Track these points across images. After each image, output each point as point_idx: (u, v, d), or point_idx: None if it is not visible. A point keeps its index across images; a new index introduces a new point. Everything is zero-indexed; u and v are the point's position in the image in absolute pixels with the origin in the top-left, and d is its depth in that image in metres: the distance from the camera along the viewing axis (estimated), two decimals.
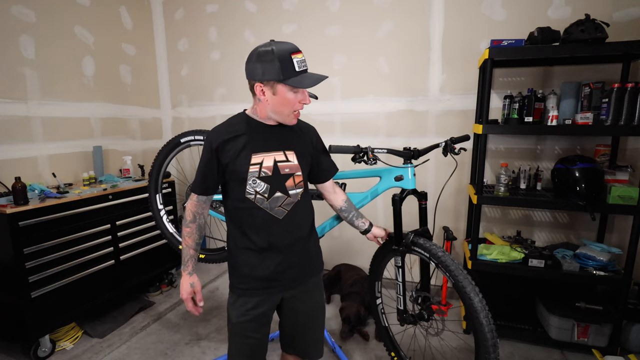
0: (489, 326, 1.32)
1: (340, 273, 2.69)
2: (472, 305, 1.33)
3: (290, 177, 1.17)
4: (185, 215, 1.22)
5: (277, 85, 1.07)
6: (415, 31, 2.50)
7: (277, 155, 1.16)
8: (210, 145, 1.13)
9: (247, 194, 1.13)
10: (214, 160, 1.13)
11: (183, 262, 1.23)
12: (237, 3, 2.95)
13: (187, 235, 1.22)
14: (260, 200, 1.14)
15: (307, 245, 1.28)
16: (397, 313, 1.68)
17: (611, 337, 1.94)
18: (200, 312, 1.25)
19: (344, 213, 1.53)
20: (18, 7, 2.23)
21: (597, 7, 2.07)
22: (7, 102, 2.20)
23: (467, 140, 1.65)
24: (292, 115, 1.13)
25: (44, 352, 2.01)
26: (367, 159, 1.48)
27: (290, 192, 1.18)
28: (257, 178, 1.12)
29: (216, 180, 1.17)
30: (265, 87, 1.08)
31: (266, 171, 1.13)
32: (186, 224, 1.22)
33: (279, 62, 1.03)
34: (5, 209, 1.81)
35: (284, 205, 1.17)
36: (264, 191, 1.14)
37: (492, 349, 1.31)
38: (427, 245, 1.50)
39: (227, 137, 1.13)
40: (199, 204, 1.21)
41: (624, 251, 1.95)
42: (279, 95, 1.08)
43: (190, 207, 1.22)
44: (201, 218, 1.23)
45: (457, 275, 1.38)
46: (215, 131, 1.16)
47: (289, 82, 1.05)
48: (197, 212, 1.21)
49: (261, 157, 1.13)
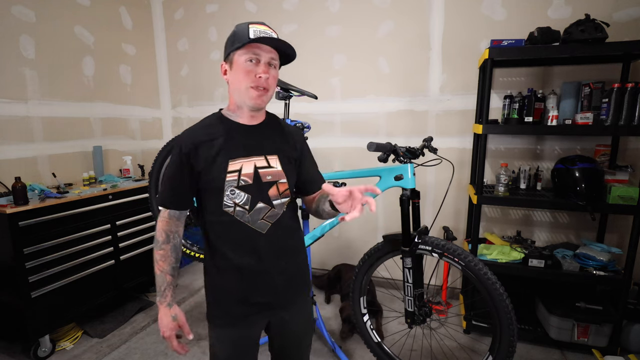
0: (512, 311, 1.46)
1: (340, 273, 2.69)
2: (498, 290, 1.46)
3: (273, 185, 1.03)
4: (157, 236, 1.03)
5: (233, 55, 0.97)
6: (415, 31, 2.50)
7: (258, 160, 1.02)
8: (180, 150, 0.98)
9: (225, 207, 0.99)
10: (185, 167, 0.98)
11: (159, 291, 1.02)
12: (237, 3, 2.95)
13: (161, 259, 1.02)
14: (241, 213, 0.99)
15: (297, 261, 1.13)
16: (406, 315, 1.68)
17: (611, 337, 1.94)
18: (188, 351, 1.08)
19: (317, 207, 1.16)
20: (18, 7, 2.23)
21: (597, 7, 2.07)
22: (7, 102, 2.20)
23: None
24: (251, 92, 0.97)
25: (44, 352, 2.01)
26: (396, 157, 1.55)
27: (275, 203, 1.03)
28: (235, 188, 0.98)
29: (189, 191, 1.02)
30: (227, 64, 1.00)
31: (246, 179, 0.99)
32: (158, 245, 1.02)
33: (236, 33, 0.97)
34: (5, 209, 1.81)
35: (267, 218, 1.02)
36: (244, 202, 0.99)
37: (515, 330, 1.45)
38: (443, 243, 1.55)
39: (199, 141, 0.99)
40: (171, 220, 1.03)
41: (624, 251, 1.94)
42: (234, 68, 0.97)
43: (162, 225, 1.03)
44: (176, 237, 1.05)
45: (481, 268, 1.48)
46: (185, 134, 1.02)
47: (239, 46, 0.94)
48: (171, 230, 1.03)
49: (239, 163, 0.99)
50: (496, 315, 1.47)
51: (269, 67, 0.97)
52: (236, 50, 0.95)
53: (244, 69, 0.95)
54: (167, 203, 1.03)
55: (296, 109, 2.82)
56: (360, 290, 1.84)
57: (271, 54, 0.97)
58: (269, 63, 0.97)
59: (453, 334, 2.14)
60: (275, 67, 1.00)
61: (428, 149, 1.68)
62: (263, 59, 0.96)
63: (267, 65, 0.97)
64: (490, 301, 1.48)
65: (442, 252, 1.55)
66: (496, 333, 1.50)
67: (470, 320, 2.18)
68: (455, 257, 1.52)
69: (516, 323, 1.46)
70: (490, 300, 1.48)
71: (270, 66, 0.98)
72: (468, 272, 1.51)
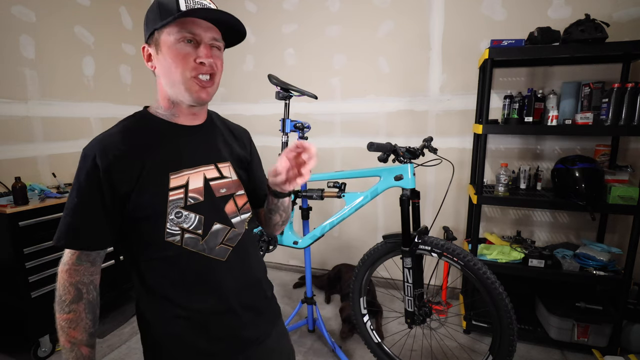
0: (512, 310, 1.46)
1: (340, 273, 2.69)
2: (497, 289, 1.46)
3: (229, 199, 0.82)
4: (61, 293, 0.73)
5: (159, 35, 0.73)
6: (415, 31, 2.50)
7: (207, 170, 0.80)
8: (95, 166, 0.70)
9: (169, 236, 0.74)
10: (102, 188, 0.70)
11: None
12: (237, 3, 2.95)
13: (71, 326, 0.72)
14: (192, 242, 0.75)
15: (263, 287, 0.91)
16: (406, 315, 1.68)
17: (611, 337, 1.94)
18: None
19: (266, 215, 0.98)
20: (18, 7, 2.23)
21: (597, 7, 2.07)
22: (7, 102, 2.20)
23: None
24: (191, 83, 0.74)
25: (44, 352, 2.01)
26: (396, 157, 1.55)
27: (234, 221, 0.82)
28: (182, 209, 0.74)
29: (107, 222, 0.73)
30: (151, 47, 0.76)
31: (195, 196, 0.76)
32: (65, 306, 0.72)
33: (158, 4, 0.73)
34: (5, 209, 1.80)
35: (227, 242, 0.80)
36: (195, 227, 0.76)
37: (515, 330, 1.46)
38: (443, 243, 1.56)
39: (121, 151, 0.72)
40: (81, 267, 0.73)
41: (624, 251, 1.94)
42: (163, 51, 0.73)
43: (69, 276, 0.72)
44: (91, 290, 0.75)
45: (480, 268, 1.48)
46: (101, 141, 0.73)
47: (166, 22, 0.70)
48: (83, 281, 0.74)
49: (184, 175, 0.76)
50: (496, 315, 1.48)
51: (211, 50, 0.75)
52: (163, 29, 0.72)
53: (178, 52, 0.72)
54: (75, 242, 0.72)
55: (296, 109, 2.82)
56: (360, 290, 1.84)
57: (212, 33, 0.74)
58: (210, 45, 0.75)
59: (453, 334, 2.14)
60: (220, 49, 0.78)
61: (428, 149, 1.68)
62: (203, 38, 0.73)
63: (208, 47, 0.74)
64: (490, 301, 1.48)
65: (441, 252, 1.55)
66: (496, 333, 1.51)
67: (470, 320, 2.18)
68: (455, 257, 1.52)
69: (516, 323, 1.46)
70: (490, 299, 1.48)
71: (212, 48, 0.75)
72: (468, 272, 1.51)
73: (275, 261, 3.23)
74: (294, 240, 1.95)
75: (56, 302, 0.74)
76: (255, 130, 1.81)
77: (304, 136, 2.00)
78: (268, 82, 1.93)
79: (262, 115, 2.99)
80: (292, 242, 1.96)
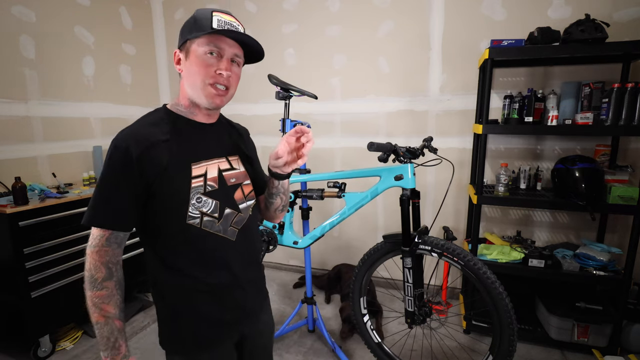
0: (512, 310, 1.47)
1: (340, 273, 2.69)
2: (497, 289, 1.46)
3: (238, 188, 0.95)
4: (93, 272, 0.80)
5: (190, 44, 0.85)
6: (415, 31, 2.50)
7: (220, 162, 0.92)
8: (128, 155, 0.79)
9: (190, 218, 0.84)
10: (133, 176, 0.79)
11: (106, 345, 0.80)
12: (237, 3, 2.95)
13: (105, 302, 0.80)
14: (209, 224, 0.87)
15: (260, 267, 1.07)
16: (406, 315, 1.68)
17: (611, 337, 1.94)
18: None
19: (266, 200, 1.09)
20: (18, 7, 2.23)
21: (597, 7, 2.07)
22: (7, 102, 2.20)
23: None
24: (209, 89, 0.85)
25: (44, 352, 2.01)
26: (396, 157, 1.55)
27: (241, 207, 0.94)
28: (202, 195, 0.86)
29: (136, 206, 0.82)
30: (182, 53, 0.89)
31: (212, 184, 0.88)
32: (97, 284, 0.80)
33: (195, 20, 0.85)
34: (5, 209, 1.81)
35: (235, 223, 0.93)
36: (212, 210, 0.87)
37: (515, 330, 1.46)
38: (443, 243, 1.56)
39: (150, 142, 0.81)
40: (110, 249, 0.81)
41: (624, 251, 1.94)
42: (191, 58, 0.85)
43: (99, 257, 0.80)
44: (119, 269, 0.84)
45: (480, 267, 1.49)
46: (132, 133, 0.82)
47: (199, 35, 0.83)
48: (112, 261, 0.82)
49: (203, 166, 0.88)
50: (496, 314, 1.48)
51: (231, 64, 0.87)
52: (195, 39, 0.84)
53: (203, 61, 0.84)
54: (108, 223, 0.80)
55: (296, 109, 2.82)
56: (360, 290, 1.84)
57: (235, 50, 0.87)
58: (231, 59, 0.87)
59: (453, 334, 2.14)
60: (239, 64, 0.90)
61: (428, 149, 1.68)
62: (226, 53, 0.85)
63: (229, 61, 0.86)
64: (490, 301, 1.48)
65: (441, 252, 1.55)
66: (496, 333, 1.51)
67: (470, 320, 2.18)
68: (455, 257, 1.52)
69: (516, 323, 1.47)
70: (490, 299, 1.48)
71: (233, 63, 0.87)
72: (467, 272, 1.51)
73: (275, 261, 3.23)
74: (294, 240, 1.96)
75: (87, 281, 0.81)
76: (255, 130, 1.81)
77: None
78: (268, 82, 1.93)
79: (262, 115, 2.99)
80: (292, 242, 1.96)
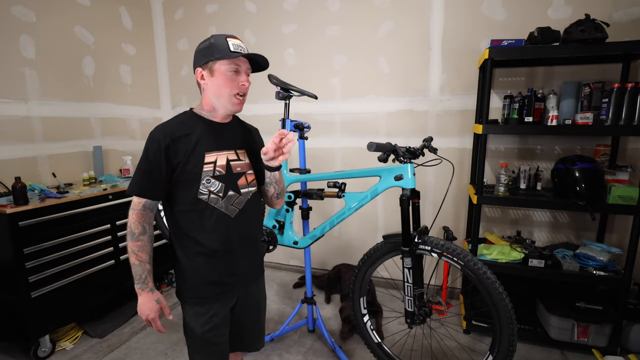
0: (512, 310, 1.47)
1: (340, 273, 2.69)
2: (497, 289, 1.47)
3: (242, 175, 1.18)
4: (133, 229, 1.10)
5: (213, 64, 1.10)
6: (415, 31, 2.50)
7: (229, 154, 1.17)
8: (159, 144, 1.07)
9: (200, 195, 1.11)
10: (162, 160, 1.07)
11: (139, 280, 1.11)
12: (237, 3, 2.95)
13: (140, 250, 1.11)
14: (215, 200, 1.12)
15: (257, 248, 1.29)
16: (406, 315, 1.68)
17: (611, 337, 1.94)
18: (167, 331, 1.23)
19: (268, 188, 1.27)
20: (18, 7, 2.23)
21: (597, 7, 2.07)
22: (7, 102, 2.20)
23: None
24: (233, 99, 1.12)
25: (44, 352, 2.01)
26: (396, 157, 1.57)
27: (242, 191, 1.18)
28: (211, 177, 1.11)
29: (165, 182, 1.10)
30: (205, 70, 1.12)
31: (220, 170, 1.13)
32: (135, 237, 1.10)
33: (215, 45, 1.09)
34: (5, 209, 1.81)
35: (236, 204, 1.16)
36: (218, 190, 1.12)
37: (515, 330, 1.46)
38: (443, 243, 1.56)
39: (177, 135, 1.09)
40: (145, 212, 1.11)
41: (624, 251, 1.94)
42: (216, 75, 1.10)
43: (137, 218, 1.10)
44: (151, 228, 1.13)
45: (480, 267, 1.49)
46: (163, 128, 1.10)
47: (222, 57, 1.08)
48: (146, 222, 1.11)
49: (214, 155, 1.13)
50: (496, 314, 1.48)
51: (247, 77, 1.14)
52: (217, 60, 1.09)
53: (228, 77, 1.10)
54: (143, 192, 1.09)
55: (296, 109, 2.82)
56: (360, 290, 1.84)
57: (247, 65, 1.14)
58: (246, 73, 1.14)
59: (453, 334, 2.14)
60: (249, 75, 1.17)
61: (428, 149, 1.68)
62: (242, 69, 1.13)
63: (245, 75, 1.13)
64: (489, 301, 1.48)
65: (441, 251, 1.55)
66: (496, 333, 1.51)
67: (470, 320, 2.18)
68: (455, 257, 1.52)
69: (516, 323, 1.46)
70: (489, 299, 1.48)
71: (247, 75, 1.15)
72: (467, 272, 1.51)
73: (275, 261, 3.23)
74: (294, 240, 1.96)
75: (128, 234, 1.10)
76: None
77: (304, 136, 2.01)
78: (268, 82, 1.93)
79: (262, 115, 2.99)
80: (292, 242, 1.96)
